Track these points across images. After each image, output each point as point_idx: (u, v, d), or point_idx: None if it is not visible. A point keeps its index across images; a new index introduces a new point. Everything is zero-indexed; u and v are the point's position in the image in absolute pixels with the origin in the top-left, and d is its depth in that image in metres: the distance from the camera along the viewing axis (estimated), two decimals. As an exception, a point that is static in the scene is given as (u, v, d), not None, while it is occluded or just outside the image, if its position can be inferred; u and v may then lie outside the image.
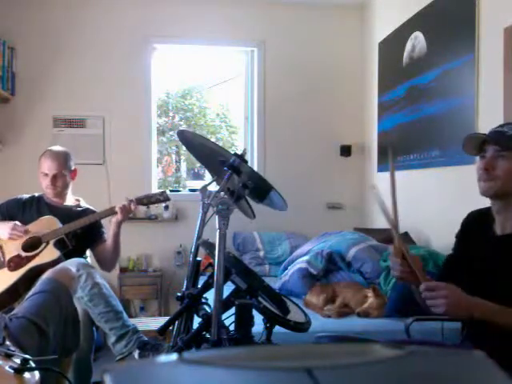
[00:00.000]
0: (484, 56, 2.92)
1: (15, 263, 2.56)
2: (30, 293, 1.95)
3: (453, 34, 3.22)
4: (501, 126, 1.68)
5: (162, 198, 2.76)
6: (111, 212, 2.70)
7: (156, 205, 3.24)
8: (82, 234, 2.74)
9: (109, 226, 2.81)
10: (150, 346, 2.43)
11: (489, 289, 1.60)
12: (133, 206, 2.69)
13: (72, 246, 2.67)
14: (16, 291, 2.50)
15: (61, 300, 1.91)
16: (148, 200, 2.76)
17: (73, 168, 2.88)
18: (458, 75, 3.16)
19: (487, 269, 1.67)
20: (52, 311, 1.83)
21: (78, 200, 2.96)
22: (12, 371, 1.27)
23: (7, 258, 2.60)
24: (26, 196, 2.87)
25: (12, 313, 1.83)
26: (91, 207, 2.94)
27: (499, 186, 1.61)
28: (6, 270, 2.56)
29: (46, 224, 2.67)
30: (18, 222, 2.67)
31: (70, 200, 2.92)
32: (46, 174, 2.78)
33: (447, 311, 1.47)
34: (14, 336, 1.57)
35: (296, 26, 4.67)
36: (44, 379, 1.32)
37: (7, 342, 1.48)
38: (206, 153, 1.86)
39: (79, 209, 2.89)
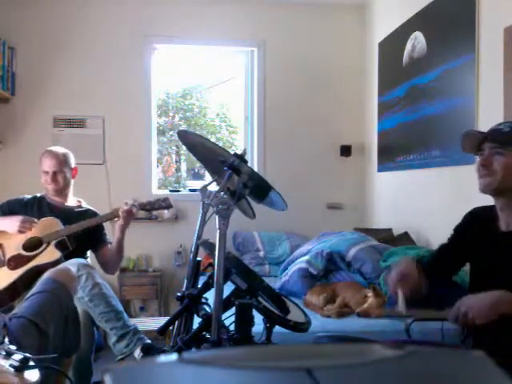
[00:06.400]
0: (484, 56, 2.92)
1: (15, 262, 2.57)
2: (30, 293, 1.95)
3: (453, 34, 3.22)
4: (499, 124, 1.70)
5: (164, 204, 2.80)
6: (113, 216, 2.72)
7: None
8: (84, 236, 2.74)
9: (111, 230, 2.81)
10: (154, 350, 2.40)
11: (493, 285, 1.60)
12: (134, 210, 2.71)
13: (73, 247, 2.67)
14: (15, 290, 2.50)
15: (61, 300, 1.91)
16: (151, 207, 2.80)
17: (73, 166, 2.91)
18: (458, 75, 3.16)
19: (491, 265, 1.67)
20: (52, 311, 1.83)
21: (79, 201, 2.97)
22: (12, 369, 1.27)
23: (7, 256, 2.60)
24: (28, 196, 2.89)
25: (12, 312, 1.84)
26: (92, 208, 2.94)
27: (498, 181, 1.61)
28: (5, 268, 2.57)
29: (48, 225, 2.67)
30: (26, 216, 2.66)
31: (71, 201, 2.93)
32: (47, 172, 2.81)
33: (477, 320, 1.49)
34: (13, 336, 1.57)
35: (296, 26, 4.66)
36: (44, 379, 1.32)
37: (6, 342, 1.48)
38: (206, 153, 1.86)
39: (80, 209, 2.90)
